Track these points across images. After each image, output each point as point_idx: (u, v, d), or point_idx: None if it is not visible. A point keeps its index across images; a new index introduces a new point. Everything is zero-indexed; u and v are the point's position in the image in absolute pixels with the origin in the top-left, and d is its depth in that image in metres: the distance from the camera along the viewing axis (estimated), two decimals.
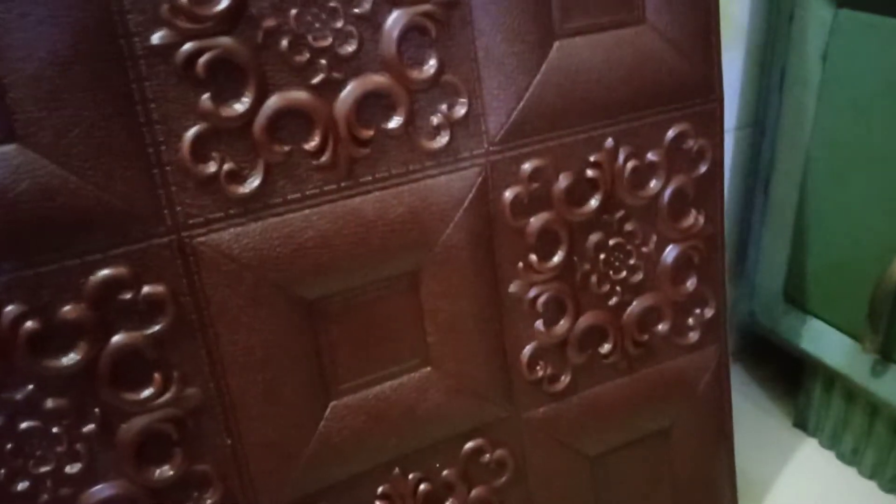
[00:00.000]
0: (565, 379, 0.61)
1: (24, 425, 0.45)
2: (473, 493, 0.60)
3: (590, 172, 0.57)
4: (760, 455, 0.86)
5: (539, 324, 0.59)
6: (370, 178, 0.49)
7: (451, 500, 0.60)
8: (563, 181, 0.56)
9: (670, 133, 0.59)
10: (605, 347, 0.62)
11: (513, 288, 0.57)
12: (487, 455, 0.60)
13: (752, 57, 0.82)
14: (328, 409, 0.53)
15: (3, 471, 0.45)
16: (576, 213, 0.57)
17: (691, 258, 0.63)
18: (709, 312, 0.66)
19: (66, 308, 0.44)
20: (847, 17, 0.70)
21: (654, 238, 0.61)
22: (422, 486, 0.58)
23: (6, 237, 0.41)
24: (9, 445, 0.45)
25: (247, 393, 0.50)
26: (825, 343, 0.79)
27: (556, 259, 0.58)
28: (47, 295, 0.43)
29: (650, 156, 0.59)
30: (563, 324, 0.60)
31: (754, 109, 0.81)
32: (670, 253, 0.62)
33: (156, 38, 0.42)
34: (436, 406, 0.57)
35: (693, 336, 0.65)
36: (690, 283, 0.64)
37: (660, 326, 0.64)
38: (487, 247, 0.55)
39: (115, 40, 0.41)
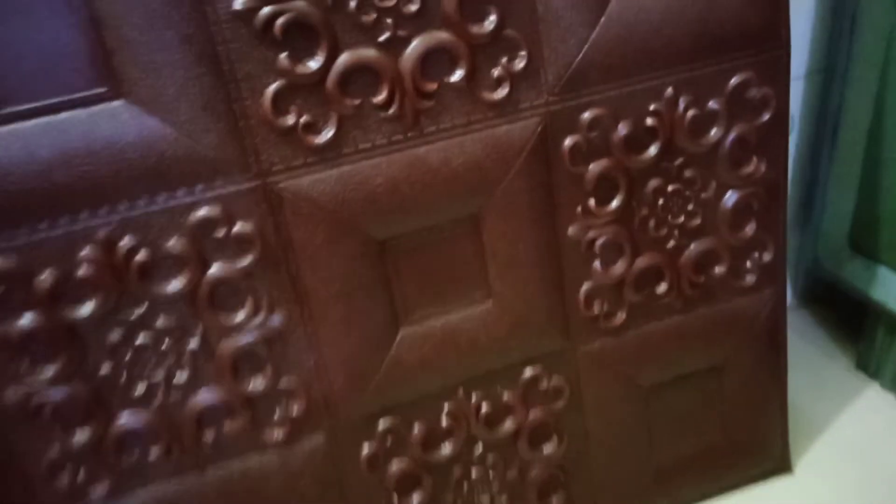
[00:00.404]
0: (621, 316, 0.64)
1: (139, 340, 0.52)
2: (531, 414, 0.65)
3: (649, 121, 0.58)
4: (820, 395, 0.86)
5: (597, 264, 0.62)
6: (434, 128, 0.53)
7: (510, 419, 0.65)
8: (622, 130, 0.58)
9: (733, 81, 0.59)
10: (661, 287, 0.65)
11: (571, 231, 0.60)
12: (545, 382, 0.65)
13: (822, 2, 0.79)
14: (398, 336, 0.59)
15: (123, 378, 0.53)
16: (634, 161, 0.59)
17: (751, 204, 0.64)
18: (767, 256, 0.67)
19: (170, 243, 0.50)
20: None
21: (714, 184, 0.62)
22: (483, 407, 0.64)
23: (115, 182, 0.48)
24: (128, 356, 0.53)
25: (326, 319, 0.56)
26: (889, 288, 0.78)
27: (615, 204, 0.60)
28: (154, 231, 0.50)
29: (711, 104, 0.59)
30: (619, 265, 0.62)
31: (824, 56, 0.78)
32: (730, 198, 0.63)
33: (237, 3, 0.47)
34: (496, 337, 0.61)
35: (750, 279, 0.67)
36: (749, 228, 0.65)
37: (716, 269, 0.65)
38: (547, 192, 0.58)
39: (201, 6, 0.46)
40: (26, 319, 0.49)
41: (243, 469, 0.58)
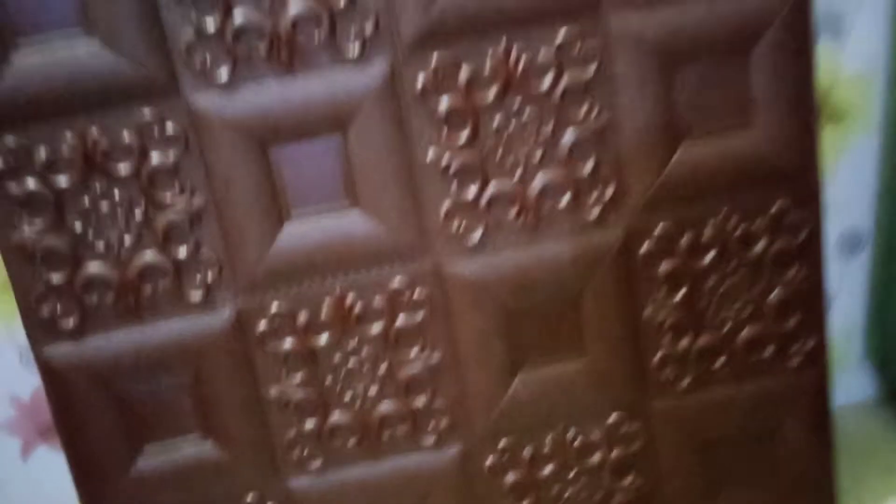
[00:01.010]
0: (686, 381, 0.84)
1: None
2: (614, 452, 0.85)
3: (707, 233, 0.80)
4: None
5: (667, 339, 0.83)
6: (549, 233, 0.78)
7: (598, 453, 0.85)
8: (686, 240, 0.80)
9: (773, 210, 0.80)
10: (719, 362, 0.84)
11: (646, 313, 0.82)
12: (625, 426, 0.85)
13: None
14: (517, 378, 0.82)
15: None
16: (697, 263, 0.80)
17: (793, 300, 0.82)
18: (810, 343, 0.84)
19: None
20: None
21: (762, 284, 0.82)
22: (577, 442, 0.85)
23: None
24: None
25: (468, 358, 0.81)
26: None
27: (680, 295, 0.81)
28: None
29: (758, 223, 0.80)
30: (685, 341, 0.83)
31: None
32: (776, 296, 0.82)
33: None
34: (588, 387, 0.83)
35: (794, 361, 0.85)
36: (793, 320, 0.83)
37: (765, 351, 0.84)
38: (629, 284, 0.80)
39: None
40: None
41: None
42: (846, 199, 1.02)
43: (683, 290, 0.81)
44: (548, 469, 0.85)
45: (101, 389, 0.79)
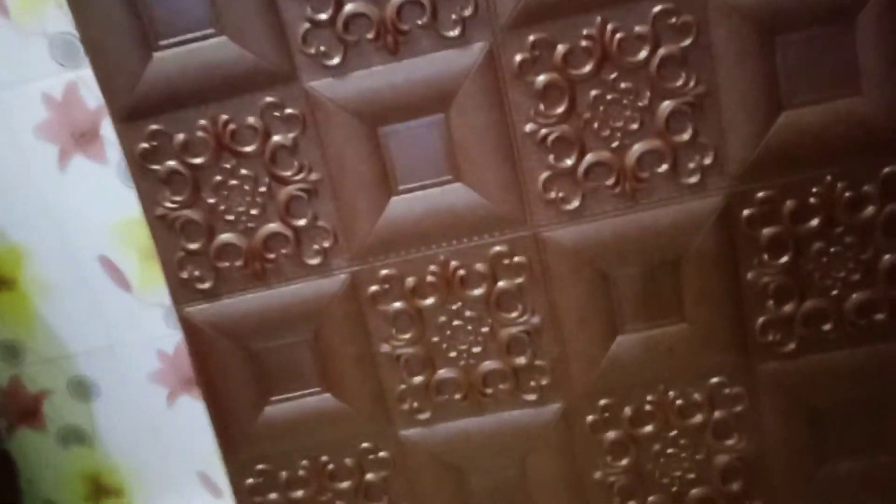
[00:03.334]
0: (791, 345, 0.94)
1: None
2: (716, 414, 0.97)
3: (812, 200, 0.89)
4: None
5: (770, 303, 0.93)
6: (647, 201, 0.89)
7: (699, 414, 0.97)
8: (789, 206, 0.89)
9: (884, 172, 0.88)
10: (827, 326, 0.94)
11: (750, 275, 0.91)
12: (727, 389, 0.96)
13: None
14: (616, 340, 0.95)
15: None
16: (801, 228, 0.89)
17: None
18: None
19: None
20: None
21: (872, 248, 0.90)
22: (678, 402, 0.97)
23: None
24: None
25: (567, 321, 0.95)
26: None
27: (784, 259, 0.90)
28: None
29: (865, 188, 0.88)
30: (790, 305, 0.92)
31: None
32: (889, 259, 0.91)
33: (526, 127, 0.88)
34: (689, 350, 0.95)
35: None
36: None
37: (876, 316, 0.93)
38: (730, 247, 0.90)
39: None
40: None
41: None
42: None
43: (788, 255, 0.91)
44: (648, 428, 0.98)
45: (234, 344, 0.98)
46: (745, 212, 0.89)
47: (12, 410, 1.18)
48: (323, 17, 0.84)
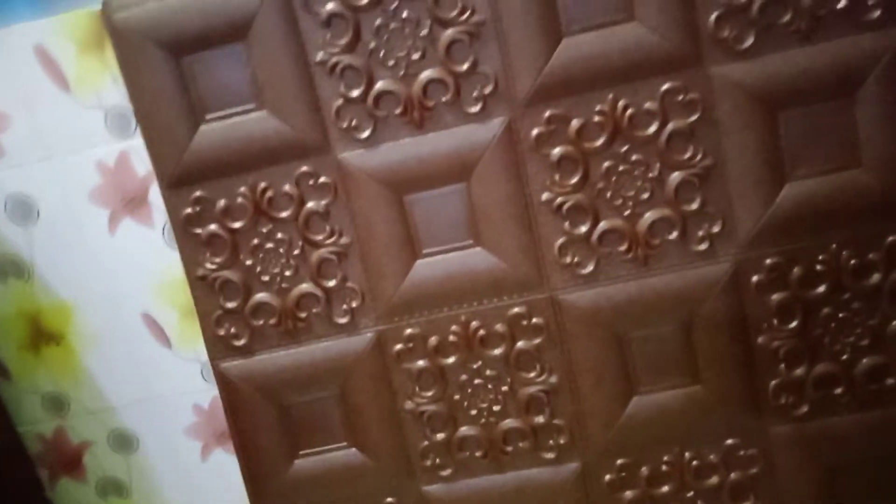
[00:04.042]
0: (804, 407, 0.98)
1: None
2: (732, 475, 1.01)
3: (818, 268, 0.94)
4: None
5: (782, 367, 0.97)
6: (658, 266, 0.95)
7: (715, 477, 1.01)
8: (796, 272, 0.94)
9: (888, 241, 0.92)
10: (838, 390, 0.97)
11: (760, 340, 0.96)
12: (742, 451, 1.00)
13: None
14: (631, 401, 1.00)
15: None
16: (809, 294, 0.95)
17: None
18: None
19: None
20: None
21: (878, 315, 0.95)
22: (694, 463, 1.01)
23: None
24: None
25: (584, 382, 1.00)
26: None
27: (793, 324, 0.95)
28: None
29: (871, 256, 0.93)
30: (800, 369, 0.96)
31: None
32: None
33: (543, 194, 0.95)
34: (703, 412, 0.99)
35: None
36: None
37: (887, 381, 0.96)
38: (739, 311, 0.95)
39: None
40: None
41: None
42: None
43: (797, 320, 0.96)
44: (665, 488, 1.02)
45: (266, 399, 1.05)
46: (754, 278, 0.94)
47: (55, 461, 1.25)
48: (355, 93, 0.93)
